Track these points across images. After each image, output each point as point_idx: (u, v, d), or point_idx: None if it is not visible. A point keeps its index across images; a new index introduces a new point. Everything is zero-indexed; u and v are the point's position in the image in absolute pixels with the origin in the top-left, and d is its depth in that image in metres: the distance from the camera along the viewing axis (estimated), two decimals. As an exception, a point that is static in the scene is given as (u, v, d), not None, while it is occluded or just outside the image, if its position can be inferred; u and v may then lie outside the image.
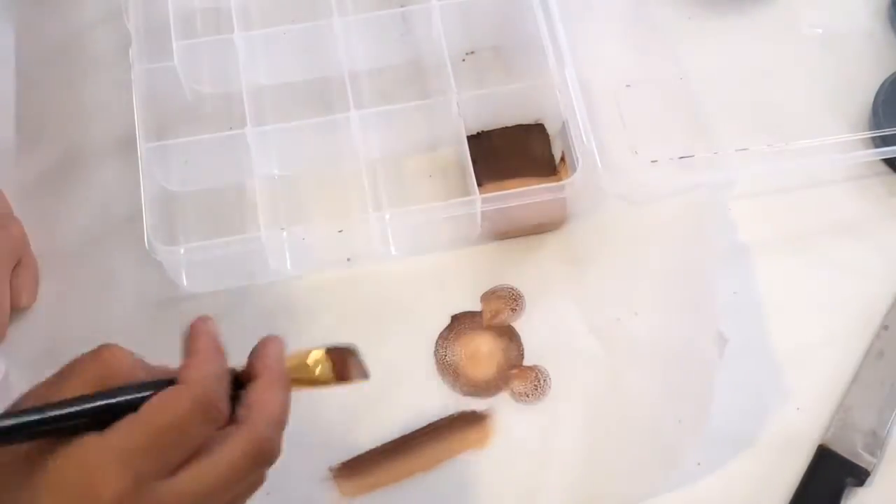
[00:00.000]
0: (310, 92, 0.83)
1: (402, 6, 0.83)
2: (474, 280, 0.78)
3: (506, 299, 0.77)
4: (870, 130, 0.81)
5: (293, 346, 0.73)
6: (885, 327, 0.76)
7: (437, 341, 0.75)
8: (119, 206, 0.80)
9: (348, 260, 0.78)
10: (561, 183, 0.74)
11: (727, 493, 0.72)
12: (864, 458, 0.71)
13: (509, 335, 0.76)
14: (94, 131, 0.83)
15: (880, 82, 0.81)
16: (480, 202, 0.74)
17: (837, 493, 0.70)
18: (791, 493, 0.71)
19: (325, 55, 0.81)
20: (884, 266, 0.78)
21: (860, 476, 0.71)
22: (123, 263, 0.78)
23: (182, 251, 0.74)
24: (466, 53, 0.84)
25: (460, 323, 0.76)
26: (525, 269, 0.78)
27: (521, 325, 0.76)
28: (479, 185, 0.76)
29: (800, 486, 0.71)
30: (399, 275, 0.78)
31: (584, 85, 0.78)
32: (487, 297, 0.77)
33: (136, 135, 0.76)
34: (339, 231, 0.75)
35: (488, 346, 0.75)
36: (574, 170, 0.74)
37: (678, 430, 0.71)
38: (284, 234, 0.75)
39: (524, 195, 0.74)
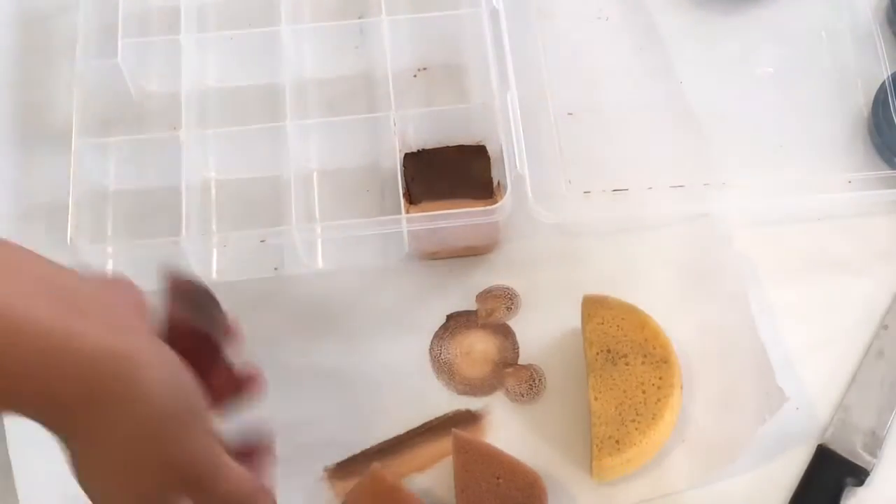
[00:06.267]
0: (257, 98, 0.83)
1: (360, 18, 0.84)
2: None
3: (501, 298, 0.76)
4: (868, 136, 0.81)
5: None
6: (884, 327, 0.75)
7: (432, 340, 0.75)
8: (48, 198, 0.79)
9: (276, 270, 0.78)
10: (488, 207, 0.73)
11: (727, 493, 0.71)
12: (863, 458, 0.71)
13: (504, 333, 0.75)
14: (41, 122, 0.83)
15: (880, 82, 0.81)
16: (406, 221, 0.74)
17: (837, 493, 0.70)
18: (791, 493, 0.71)
19: (273, 62, 0.81)
20: (883, 266, 0.78)
21: (860, 476, 0.71)
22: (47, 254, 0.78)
23: (105, 249, 0.75)
24: (419, 69, 0.84)
25: (455, 321, 0.76)
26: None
27: (516, 324, 0.76)
28: (415, 203, 0.76)
29: (799, 486, 0.71)
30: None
31: (530, 110, 0.78)
32: (483, 295, 0.77)
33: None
34: (262, 241, 0.75)
35: (483, 344, 0.75)
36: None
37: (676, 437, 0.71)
38: (206, 239, 0.76)
39: (451, 217, 0.73)
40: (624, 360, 0.70)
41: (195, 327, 0.57)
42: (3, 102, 0.83)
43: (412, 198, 0.76)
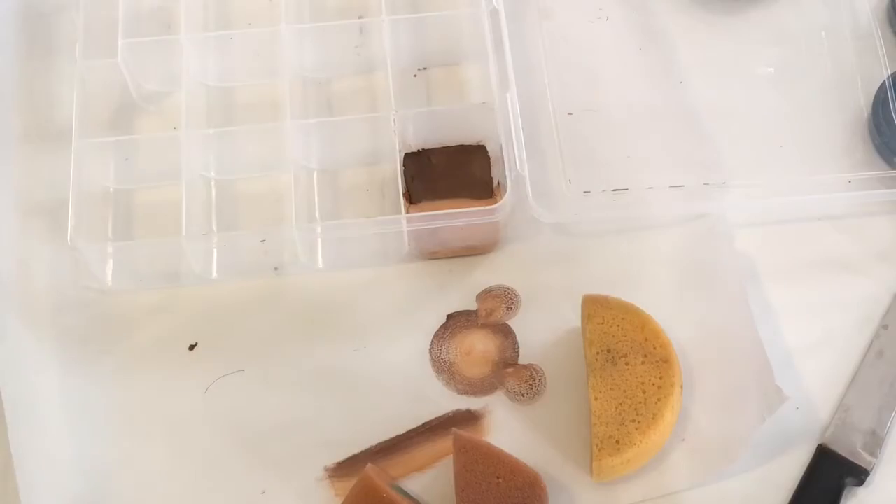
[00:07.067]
0: (257, 98, 0.83)
1: (360, 18, 0.84)
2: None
3: (501, 298, 0.76)
4: (868, 136, 0.81)
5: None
6: (884, 327, 0.75)
7: (432, 340, 0.75)
8: (48, 198, 0.79)
9: (276, 269, 0.78)
10: (488, 207, 0.73)
11: (727, 493, 0.71)
12: (863, 458, 0.71)
13: (504, 333, 0.75)
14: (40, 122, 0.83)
15: (880, 82, 0.81)
16: (406, 221, 0.74)
17: (837, 493, 0.70)
18: (791, 492, 0.71)
19: (274, 62, 0.80)
20: (883, 266, 0.78)
21: (860, 476, 0.71)
22: (47, 254, 0.78)
23: (105, 249, 0.76)
24: (419, 69, 0.84)
25: (455, 321, 0.76)
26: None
27: (516, 324, 0.76)
28: (415, 202, 0.76)
29: (799, 485, 0.71)
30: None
31: (530, 110, 0.78)
32: (483, 295, 0.77)
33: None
34: (262, 241, 0.75)
35: (483, 344, 0.75)
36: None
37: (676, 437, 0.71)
38: (206, 239, 0.76)
39: (451, 217, 0.73)
40: (624, 360, 0.70)
41: None
42: (3, 102, 0.83)
43: (412, 198, 0.76)
